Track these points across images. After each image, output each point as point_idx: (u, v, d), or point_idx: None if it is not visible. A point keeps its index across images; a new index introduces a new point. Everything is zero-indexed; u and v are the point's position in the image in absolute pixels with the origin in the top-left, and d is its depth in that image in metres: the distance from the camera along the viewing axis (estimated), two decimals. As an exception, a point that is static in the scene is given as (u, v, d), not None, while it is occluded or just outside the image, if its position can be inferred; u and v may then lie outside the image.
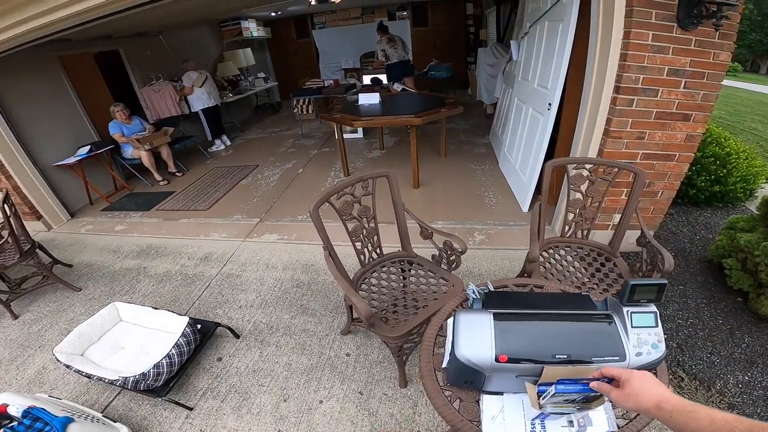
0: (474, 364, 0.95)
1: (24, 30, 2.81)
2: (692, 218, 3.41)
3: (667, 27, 2.02)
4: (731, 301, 2.37)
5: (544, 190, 2.00)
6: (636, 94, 2.19)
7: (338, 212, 1.81)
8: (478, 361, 0.95)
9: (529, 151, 3.29)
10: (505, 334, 0.96)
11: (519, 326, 0.99)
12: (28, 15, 2.65)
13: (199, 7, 4.65)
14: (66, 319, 2.72)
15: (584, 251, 2.13)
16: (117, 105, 4.75)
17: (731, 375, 1.93)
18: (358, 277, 1.99)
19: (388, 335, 1.61)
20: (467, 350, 0.96)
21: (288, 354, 2.22)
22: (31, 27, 2.77)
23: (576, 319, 1.01)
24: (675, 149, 2.41)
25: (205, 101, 5.84)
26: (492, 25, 7.18)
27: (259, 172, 5.10)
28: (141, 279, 3.09)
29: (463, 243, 1.79)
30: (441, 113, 3.73)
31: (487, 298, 1.08)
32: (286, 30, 9.34)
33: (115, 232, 3.94)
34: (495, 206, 3.61)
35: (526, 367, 0.94)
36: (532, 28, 3.33)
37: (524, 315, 1.02)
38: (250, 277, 2.94)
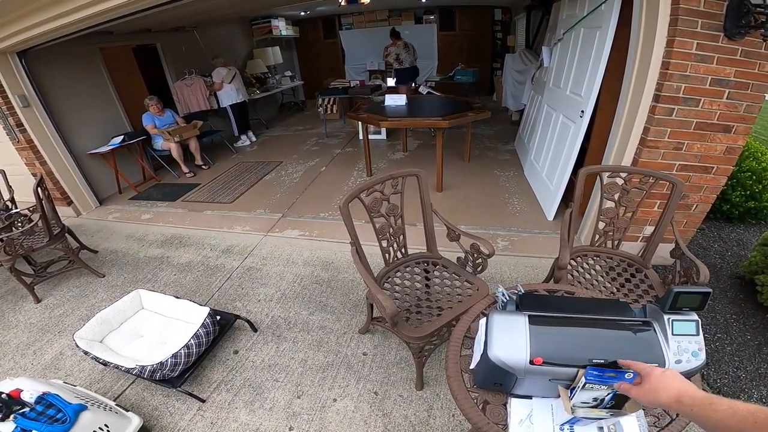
0: (507, 365, 0.93)
1: (63, 23, 2.94)
2: (724, 234, 3.30)
3: (712, 36, 1.97)
4: (761, 317, 2.31)
5: (576, 198, 1.96)
6: (676, 103, 2.13)
7: (367, 209, 1.81)
8: (511, 363, 0.93)
9: (558, 158, 3.24)
10: (540, 336, 0.94)
11: (555, 329, 0.97)
12: (71, 7, 2.77)
13: (233, 4, 4.75)
14: (88, 304, 2.77)
15: (614, 261, 2.07)
16: (152, 98, 4.90)
17: (756, 390, 1.88)
18: (382, 275, 1.99)
19: (411, 335, 1.60)
20: (501, 351, 0.94)
21: (304, 350, 2.22)
22: (68, 21, 2.90)
23: (614, 325, 0.99)
24: (713, 161, 2.34)
25: (233, 97, 5.97)
26: (521, 31, 7.12)
27: (283, 168, 5.17)
28: (164, 268, 3.15)
29: (491, 246, 1.77)
30: (468, 117, 3.70)
31: (522, 300, 1.06)
32: (313, 30, 9.46)
33: (141, 220, 4.04)
34: (519, 213, 3.56)
35: (559, 371, 0.92)
36: (567, 35, 3.28)
37: (560, 319, 0.99)
38: (270, 271, 2.97)
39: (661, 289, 1.85)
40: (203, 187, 4.75)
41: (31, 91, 3.82)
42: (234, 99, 5.98)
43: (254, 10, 6.88)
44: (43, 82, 4.01)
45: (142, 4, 2.76)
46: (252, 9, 6.52)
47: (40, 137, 3.91)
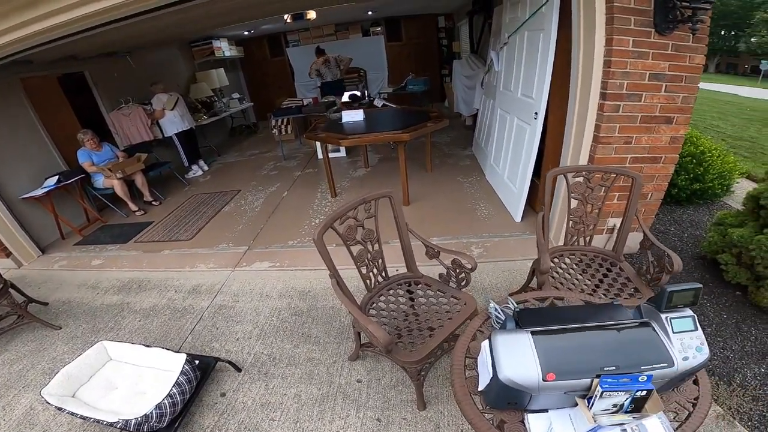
0: (519, 385, 0.94)
1: None
2: (677, 216, 3.57)
3: (645, 33, 2.13)
4: (731, 295, 2.46)
5: (546, 200, 2.05)
6: (621, 99, 2.29)
7: (342, 238, 1.78)
8: (523, 383, 0.94)
9: (518, 161, 3.37)
10: (547, 351, 0.97)
11: (560, 342, 1.00)
12: None
13: (168, 26, 4.58)
14: (48, 358, 2.61)
15: (588, 258, 2.18)
16: (85, 132, 4.58)
17: (748, 368, 1.99)
18: (366, 302, 1.96)
19: (407, 360, 1.59)
20: (511, 372, 0.95)
21: (296, 385, 2.15)
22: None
23: (615, 330, 1.03)
24: (661, 151, 2.53)
25: (178, 125, 5.71)
26: (465, 37, 7.42)
27: (242, 197, 5.00)
28: (125, 315, 2.96)
29: (473, 260, 1.80)
30: (428, 127, 3.78)
31: (520, 316, 1.08)
32: (259, 49, 9.34)
33: (92, 267, 3.77)
34: (488, 218, 3.66)
35: (574, 383, 0.94)
36: (512, 38, 3.44)
37: (562, 330, 1.02)
38: (244, 307, 2.84)
39: (638, 281, 1.96)
40: (157, 225, 4.49)
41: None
42: (179, 127, 5.71)
43: (194, 32, 6.67)
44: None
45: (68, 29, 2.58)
46: (191, 31, 6.33)
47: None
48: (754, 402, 1.82)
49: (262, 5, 4.49)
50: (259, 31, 8.26)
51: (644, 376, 0.92)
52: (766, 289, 2.22)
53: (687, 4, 1.97)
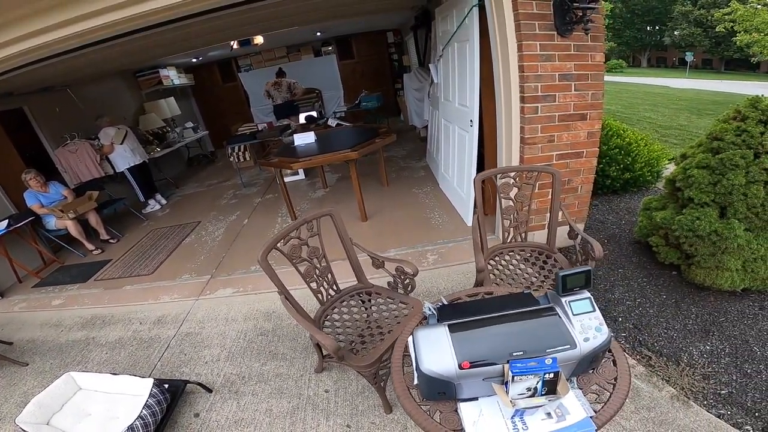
0: (440, 375, 1.04)
1: None
2: (614, 205, 3.85)
3: (549, 36, 2.33)
4: (667, 275, 2.64)
5: (478, 203, 2.20)
6: (538, 101, 2.48)
7: (287, 257, 1.86)
8: (443, 372, 1.03)
9: (463, 167, 3.56)
10: (462, 342, 1.06)
11: (473, 333, 1.10)
12: None
13: (108, 59, 4.53)
14: (20, 392, 2.64)
15: (526, 252, 2.34)
16: (29, 172, 4.38)
17: (693, 347, 2.10)
18: (320, 315, 2.04)
19: (360, 365, 1.68)
20: (431, 363, 1.04)
21: (266, 400, 2.20)
22: None
23: (523, 317, 1.13)
24: (582, 146, 2.75)
25: (129, 159, 5.55)
26: (412, 51, 7.67)
27: (202, 228, 4.96)
28: (92, 349, 2.96)
29: (414, 266, 1.92)
30: (376, 144, 3.92)
31: (440, 312, 1.19)
32: (210, 75, 9.26)
33: (53, 306, 3.70)
34: (442, 225, 3.81)
35: (489, 370, 1.03)
36: (445, 50, 3.64)
37: (475, 322, 1.13)
38: (210, 332, 2.87)
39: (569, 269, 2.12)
40: (116, 263, 4.38)
41: None
42: (131, 161, 5.56)
43: (137, 63, 6.53)
44: None
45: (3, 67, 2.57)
46: (134, 62, 6.20)
47: None
48: (705, 380, 1.89)
49: (204, 34, 4.54)
50: (208, 57, 8.20)
51: (549, 359, 0.99)
52: (697, 266, 2.38)
53: (578, 5, 2.15)
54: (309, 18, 5.15)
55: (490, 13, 2.48)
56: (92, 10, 2.18)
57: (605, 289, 2.64)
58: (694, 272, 2.41)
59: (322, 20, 5.78)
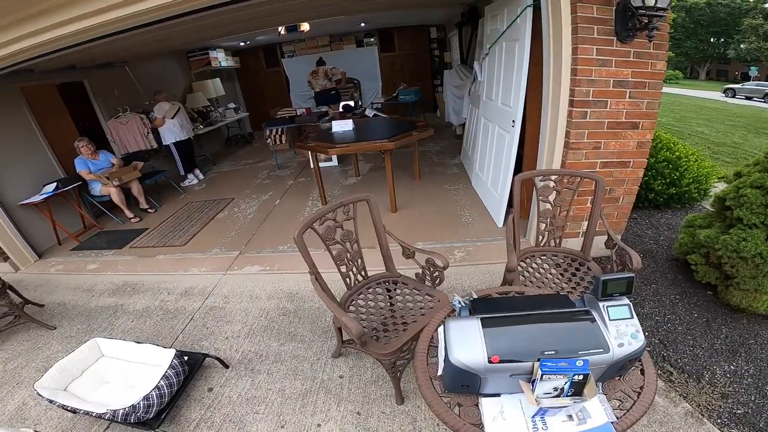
0: (468, 367, 1.03)
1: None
2: (654, 220, 3.68)
3: (608, 41, 2.25)
4: (702, 294, 2.54)
5: (515, 204, 2.15)
6: (588, 106, 2.40)
7: (322, 238, 1.88)
8: (471, 365, 1.02)
9: (499, 167, 3.49)
10: (493, 336, 1.05)
11: (505, 328, 1.08)
12: None
13: (164, 39, 4.71)
14: (43, 356, 2.68)
15: (559, 258, 2.27)
16: (81, 140, 4.67)
17: (717, 366, 2.05)
18: (346, 299, 2.06)
19: (381, 352, 1.68)
20: (460, 355, 1.03)
21: (281, 380, 2.23)
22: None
23: (558, 318, 1.11)
24: (629, 156, 2.64)
25: (177, 134, 5.80)
26: (455, 47, 7.58)
27: (235, 205, 5.10)
28: (119, 316, 3.05)
29: (445, 259, 1.89)
30: (413, 137, 3.90)
31: (473, 305, 1.18)
32: (255, 59, 9.49)
33: (88, 270, 3.85)
34: (471, 224, 3.76)
35: (517, 366, 1.02)
36: (492, 49, 3.58)
37: (509, 318, 1.11)
38: (234, 308, 2.93)
39: None
40: (152, 232, 4.57)
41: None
42: (178, 136, 5.81)
43: (190, 43, 6.82)
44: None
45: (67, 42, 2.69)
46: (188, 42, 6.47)
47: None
48: (722, 399, 1.86)
49: (256, 19, 4.64)
50: (255, 42, 8.42)
51: (581, 361, 0.98)
52: (735, 288, 2.28)
53: (643, 12, 2.08)
54: (357, 7, 5.17)
55: (546, 14, 2.43)
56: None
57: (635, 303, 2.55)
58: (731, 293, 2.32)
59: (369, 10, 5.79)
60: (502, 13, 3.28)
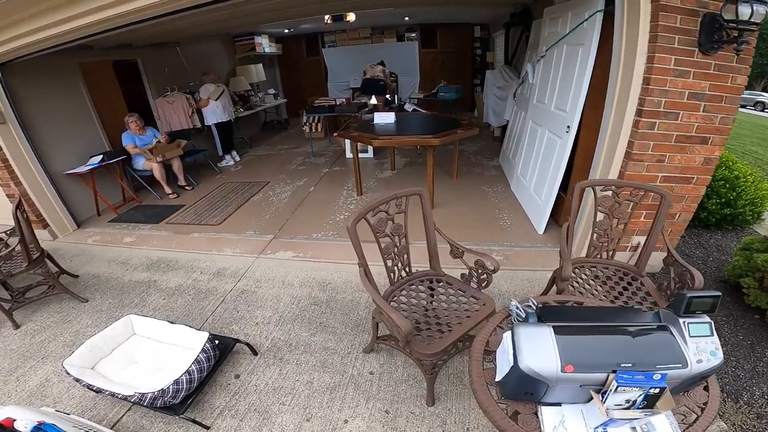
0: (539, 375, 0.99)
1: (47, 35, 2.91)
2: (704, 240, 3.50)
3: (688, 52, 2.14)
4: (749, 318, 2.46)
5: (573, 212, 2.07)
6: (658, 117, 2.29)
7: (373, 229, 1.86)
8: (543, 372, 0.99)
9: (545, 173, 3.38)
10: (567, 345, 1.02)
11: (580, 338, 1.05)
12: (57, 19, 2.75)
13: (217, 20, 4.81)
14: (72, 330, 2.69)
15: (610, 271, 2.18)
16: (132, 115, 4.83)
17: (756, 387, 2.00)
18: (387, 294, 2.03)
19: (425, 353, 1.64)
20: (532, 362, 1.00)
21: (309, 372, 2.20)
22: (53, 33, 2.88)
23: (634, 331, 1.07)
24: (693, 172, 2.51)
25: (219, 115, 5.94)
26: (500, 48, 7.41)
27: (270, 188, 5.17)
28: (151, 292, 3.08)
29: (495, 261, 1.84)
30: (457, 134, 3.83)
31: (543, 312, 1.13)
32: (297, 47, 9.58)
33: (124, 243, 3.95)
34: (510, 228, 3.67)
35: (590, 377, 0.99)
36: (549, 52, 3.47)
37: (581, 328, 1.07)
38: (266, 293, 2.94)
39: (657, 295, 1.97)
40: (188, 209, 4.68)
41: (8, 107, 3.70)
42: (220, 117, 5.95)
43: (241, 27, 6.95)
44: (20, 98, 3.89)
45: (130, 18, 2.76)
46: (239, 26, 6.59)
47: (16, 156, 3.78)
48: (758, 419, 1.84)
49: (305, 4, 4.66)
50: (298, 30, 8.51)
51: (659, 374, 0.96)
52: None
53: (734, 25, 1.97)
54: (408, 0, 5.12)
55: (620, 21, 2.34)
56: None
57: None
58: (782, 319, 2.22)
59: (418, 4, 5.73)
60: (565, 17, 3.18)
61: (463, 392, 1.99)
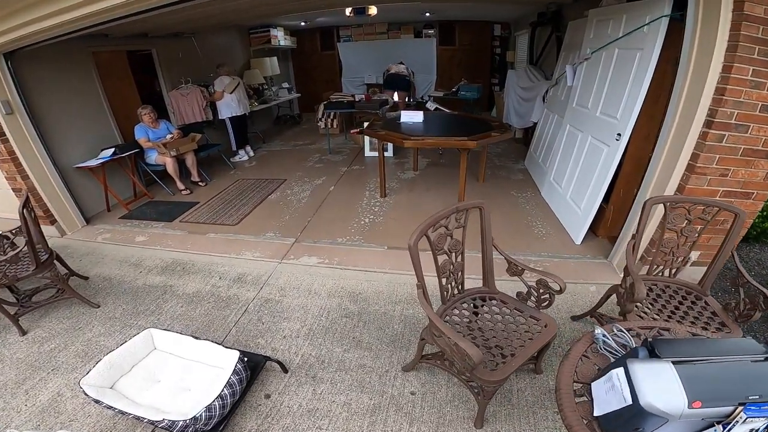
0: (662, 412, 0.97)
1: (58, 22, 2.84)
2: (743, 254, 3.44)
3: (767, 63, 2.07)
4: None
5: (639, 230, 1.99)
6: (728, 129, 2.22)
7: (432, 246, 1.77)
8: (667, 409, 0.96)
9: (587, 181, 3.30)
10: (692, 380, 0.99)
11: (703, 372, 1.02)
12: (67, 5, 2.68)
13: (232, 9, 4.73)
14: (83, 339, 2.55)
15: (671, 289, 2.12)
16: (145, 107, 4.76)
17: None
18: (441, 313, 1.94)
19: (490, 380, 1.56)
20: (655, 400, 0.97)
21: (345, 392, 2.09)
22: (63, 20, 2.80)
23: (752, 361, 1.06)
24: (754, 187, 2.44)
25: (234, 109, 5.88)
26: (522, 47, 7.33)
27: (288, 186, 5.09)
28: (168, 299, 2.95)
29: (562, 281, 1.76)
30: (493, 137, 3.75)
31: (655, 345, 1.09)
32: (311, 41, 9.53)
33: (136, 243, 3.84)
34: (546, 237, 3.60)
35: (717, 411, 0.98)
36: (596, 54, 3.39)
37: (703, 362, 1.05)
38: (291, 303, 2.83)
39: (724, 316, 1.91)
40: (202, 206, 4.60)
41: (16, 97, 3.61)
42: (234, 111, 5.89)
43: (258, 18, 6.87)
44: (29, 87, 3.80)
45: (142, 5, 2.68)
46: (256, 16, 6.51)
47: (24, 148, 3.69)
48: None
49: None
50: (314, 23, 8.44)
51: None
52: None
53: None
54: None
55: (692, 28, 2.26)
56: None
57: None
58: None
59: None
60: (618, 19, 3.10)
61: (512, 413, 1.92)
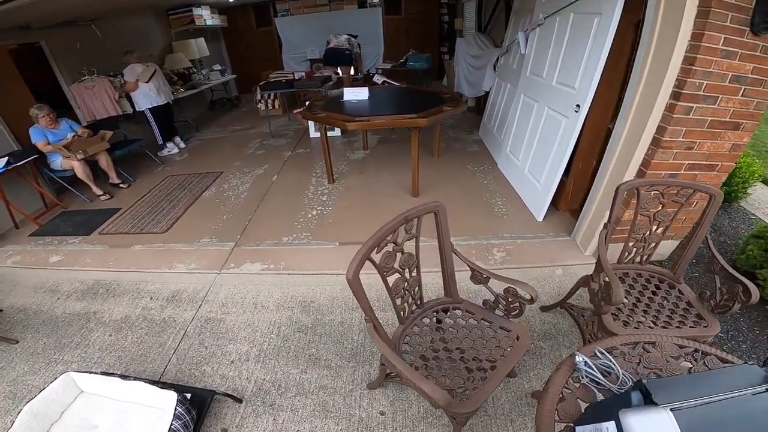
0: None
1: None
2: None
3: (739, 31, 1.93)
4: (763, 310, 2.43)
5: (613, 218, 1.84)
6: (696, 101, 2.09)
7: (379, 269, 1.51)
8: None
9: (546, 155, 3.17)
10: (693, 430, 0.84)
11: (703, 417, 0.86)
12: None
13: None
14: (9, 379, 2.30)
15: (644, 278, 2.03)
16: (40, 107, 4.12)
17: None
18: (398, 337, 1.70)
19: (461, 412, 1.35)
20: None
21: (309, 419, 1.92)
22: None
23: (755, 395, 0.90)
24: (719, 159, 2.37)
25: (153, 99, 5.26)
26: (470, 14, 7.09)
27: (225, 180, 4.64)
28: (93, 327, 2.62)
29: (533, 290, 1.57)
30: (446, 112, 3.48)
31: (649, 388, 0.90)
32: (244, 18, 8.85)
33: (50, 264, 3.37)
34: (507, 215, 3.46)
35: None
36: (549, 20, 3.19)
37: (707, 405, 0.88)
38: (236, 321, 2.55)
39: (699, 306, 1.83)
40: (125, 213, 4.08)
41: None
42: (154, 101, 5.27)
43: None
44: None
45: None
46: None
47: None
48: None
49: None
50: (245, -1, 7.78)
51: None
52: None
53: None
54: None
55: None
56: None
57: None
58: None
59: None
60: (571, -19, 2.87)
61: (489, 423, 1.81)
